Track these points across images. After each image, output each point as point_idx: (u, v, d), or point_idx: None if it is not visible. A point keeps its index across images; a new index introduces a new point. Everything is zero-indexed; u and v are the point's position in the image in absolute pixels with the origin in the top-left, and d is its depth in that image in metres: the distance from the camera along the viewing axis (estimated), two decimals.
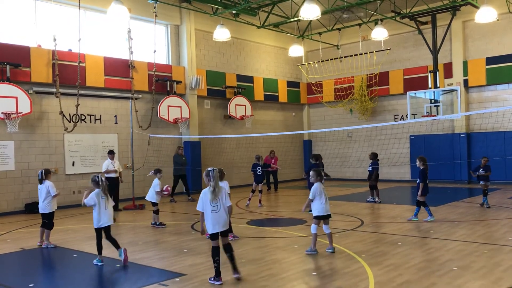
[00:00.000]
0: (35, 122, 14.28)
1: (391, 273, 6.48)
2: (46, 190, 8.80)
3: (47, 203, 8.84)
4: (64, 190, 14.73)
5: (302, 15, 15.21)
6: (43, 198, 8.82)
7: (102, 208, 7.55)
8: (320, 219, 7.79)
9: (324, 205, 7.75)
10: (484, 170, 12.11)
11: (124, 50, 16.39)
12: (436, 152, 18.78)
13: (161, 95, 17.27)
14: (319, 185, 7.83)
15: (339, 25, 20.38)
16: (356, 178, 21.28)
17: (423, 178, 10.56)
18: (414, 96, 17.75)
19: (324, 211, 7.75)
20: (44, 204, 8.84)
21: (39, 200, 8.92)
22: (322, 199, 7.75)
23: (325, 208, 7.75)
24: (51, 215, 8.92)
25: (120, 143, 16.17)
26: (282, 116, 22.79)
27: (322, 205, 7.73)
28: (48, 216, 8.89)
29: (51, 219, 8.93)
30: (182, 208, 14.45)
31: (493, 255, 7.30)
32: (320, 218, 7.78)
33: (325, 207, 7.76)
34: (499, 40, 18.31)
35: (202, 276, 6.60)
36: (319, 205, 7.74)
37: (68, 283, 6.67)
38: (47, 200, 8.82)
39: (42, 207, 8.88)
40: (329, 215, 7.86)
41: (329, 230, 7.84)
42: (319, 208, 7.74)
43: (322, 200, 7.74)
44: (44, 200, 8.82)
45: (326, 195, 7.86)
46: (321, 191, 7.79)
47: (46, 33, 14.65)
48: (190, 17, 18.27)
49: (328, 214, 7.82)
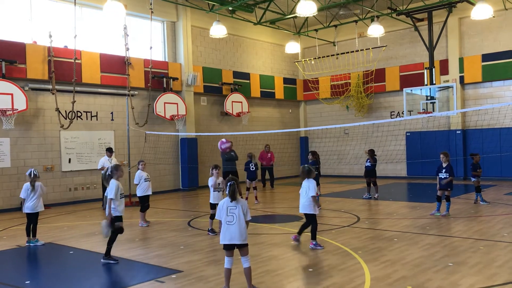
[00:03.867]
0: (31, 119, 14.23)
1: (387, 269, 6.51)
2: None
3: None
4: (60, 187, 14.72)
5: (299, 12, 15.19)
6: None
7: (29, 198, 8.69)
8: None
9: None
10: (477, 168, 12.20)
11: (120, 46, 16.33)
12: (432, 148, 18.82)
13: (157, 91, 17.23)
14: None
15: (336, 21, 20.37)
16: (353, 175, 21.31)
17: (452, 172, 10.68)
18: (410, 93, 17.78)
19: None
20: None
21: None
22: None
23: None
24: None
25: (116, 140, 16.14)
26: (278, 112, 22.79)
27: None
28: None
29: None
30: (179, 204, 14.45)
31: (489, 251, 7.34)
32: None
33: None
34: (495, 37, 18.35)
35: (199, 273, 6.60)
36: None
37: (64, 280, 6.66)
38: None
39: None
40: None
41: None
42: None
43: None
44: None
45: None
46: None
47: (42, 29, 14.59)
48: (187, 14, 18.22)
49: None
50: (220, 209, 5.79)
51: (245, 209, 5.75)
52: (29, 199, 8.79)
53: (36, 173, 8.85)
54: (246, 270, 5.73)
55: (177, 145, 18.18)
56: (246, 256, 5.72)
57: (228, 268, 5.75)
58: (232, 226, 5.66)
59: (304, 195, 7.97)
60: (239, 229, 5.66)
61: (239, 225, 5.67)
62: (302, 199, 8.03)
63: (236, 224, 5.66)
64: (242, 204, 5.75)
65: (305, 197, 7.94)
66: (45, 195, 9.11)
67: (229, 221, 5.69)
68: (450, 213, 10.71)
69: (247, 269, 5.73)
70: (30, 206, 8.81)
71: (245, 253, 5.73)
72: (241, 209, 5.70)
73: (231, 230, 5.66)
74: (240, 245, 5.69)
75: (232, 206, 5.72)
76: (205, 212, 12.46)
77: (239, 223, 5.66)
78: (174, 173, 18.10)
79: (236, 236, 5.65)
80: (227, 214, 5.71)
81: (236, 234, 5.64)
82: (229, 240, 5.67)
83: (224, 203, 5.80)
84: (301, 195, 8.04)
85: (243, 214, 5.70)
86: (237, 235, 5.64)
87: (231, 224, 5.67)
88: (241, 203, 5.76)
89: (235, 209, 5.70)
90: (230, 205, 5.74)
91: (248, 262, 5.73)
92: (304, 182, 8.04)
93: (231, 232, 5.65)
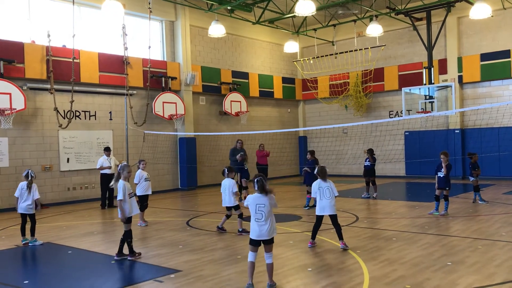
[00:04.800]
0: (29, 119, 14.20)
1: (386, 269, 6.51)
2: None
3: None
4: (59, 187, 14.71)
5: (297, 11, 15.18)
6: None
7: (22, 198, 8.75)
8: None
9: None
10: (476, 167, 12.20)
11: (118, 46, 16.31)
12: (431, 148, 18.82)
13: (156, 91, 17.21)
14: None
15: (334, 21, 20.36)
16: (351, 174, 21.31)
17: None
18: (409, 92, 17.78)
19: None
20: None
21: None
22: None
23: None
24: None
25: (115, 140, 16.13)
26: (277, 112, 22.79)
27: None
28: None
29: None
30: (178, 204, 14.44)
31: (487, 250, 7.35)
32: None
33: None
34: (493, 36, 18.36)
35: (198, 272, 6.60)
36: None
37: (62, 280, 6.65)
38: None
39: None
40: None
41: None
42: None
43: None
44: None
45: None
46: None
47: (40, 28, 14.57)
48: (185, 13, 18.21)
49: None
50: (250, 204, 5.87)
51: (273, 203, 5.84)
52: (22, 199, 8.80)
53: (33, 174, 8.85)
54: (270, 266, 5.83)
55: (175, 144, 18.17)
56: (270, 253, 5.82)
57: (252, 262, 5.83)
58: (260, 223, 5.77)
59: (328, 196, 7.73)
60: (267, 227, 5.76)
61: (267, 223, 5.77)
62: (326, 201, 7.74)
63: (264, 222, 5.77)
64: (270, 200, 5.82)
65: (330, 198, 7.73)
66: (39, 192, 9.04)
67: (258, 219, 5.79)
68: (449, 213, 10.72)
69: (270, 265, 5.83)
70: (24, 206, 8.82)
71: (269, 249, 5.83)
72: (269, 205, 5.80)
73: (260, 228, 5.77)
74: (266, 240, 5.80)
75: (261, 204, 5.80)
76: (204, 212, 12.46)
77: (268, 221, 5.78)
78: (173, 173, 18.09)
79: (264, 233, 5.76)
80: (256, 211, 5.80)
81: (264, 232, 5.76)
82: (257, 237, 5.80)
83: (253, 200, 5.86)
84: (324, 195, 7.76)
85: (270, 209, 5.80)
86: (265, 233, 5.76)
87: (259, 222, 5.78)
88: (269, 199, 5.83)
89: (264, 207, 5.78)
90: (259, 202, 5.81)
91: (271, 259, 5.82)
92: (322, 183, 7.80)
93: (260, 230, 5.77)
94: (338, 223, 7.81)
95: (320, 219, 7.90)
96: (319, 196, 7.81)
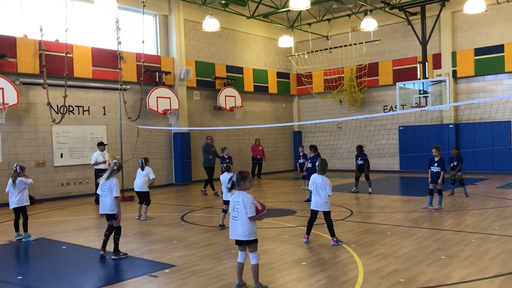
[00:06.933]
0: (22, 114, 14.11)
1: (380, 263, 6.53)
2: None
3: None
4: (53, 182, 14.64)
5: (292, 6, 15.14)
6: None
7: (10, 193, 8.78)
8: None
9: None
10: (457, 162, 12.31)
11: (112, 40, 16.19)
12: (425, 142, 18.88)
13: (150, 86, 17.14)
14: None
15: (329, 15, 20.33)
16: (346, 169, 21.36)
17: (444, 167, 10.72)
18: (403, 87, 17.81)
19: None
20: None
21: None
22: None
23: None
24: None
25: (108, 135, 16.05)
26: (272, 107, 22.76)
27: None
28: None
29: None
30: (172, 199, 14.42)
31: (481, 244, 7.39)
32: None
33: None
34: (487, 31, 18.40)
35: (192, 267, 6.59)
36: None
37: (56, 275, 6.62)
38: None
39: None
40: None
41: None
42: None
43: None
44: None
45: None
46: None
47: (33, 23, 14.43)
48: (179, 7, 18.10)
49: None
50: (230, 200, 5.72)
51: (247, 205, 5.46)
52: (11, 194, 8.80)
53: (16, 168, 8.80)
54: (252, 267, 5.58)
55: (170, 139, 18.12)
56: (254, 253, 5.53)
57: (239, 263, 5.64)
58: (236, 222, 5.55)
59: (321, 192, 7.71)
60: (241, 225, 5.50)
61: (241, 221, 5.50)
62: (318, 197, 7.73)
63: (239, 220, 5.52)
64: (244, 200, 5.50)
65: (322, 195, 7.71)
66: (32, 187, 9.06)
67: (234, 217, 5.57)
68: (443, 207, 10.77)
69: (253, 266, 5.57)
70: (15, 201, 8.80)
71: (252, 249, 5.55)
72: (243, 205, 5.50)
73: (235, 226, 5.55)
74: (246, 241, 5.53)
75: (237, 202, 5.55)
76: (198, 207, 12.45)
77: (241, 219, 5.50)
78: (167, 168, 18.05)
79: (239, 232, 5.51)
80: (233, 209, 5.58)
81: (239, 230, 5.51)
82: (233, 235, 5.59)
83: (232, 197, 5.68)
84: (317, 192, 7.75)
85: (244, 210, 5.49)
86: (240, 232, 5.50)
87: (235, 220, 5.56)
88: (243, 198, 5.51)
89: (239, 205, 5.53)
90: (235, 200, 5.58)
91: (255, 259, 5.54)
92: (317, 178, 7.78)
93: (235, 228, 5.55)
94: (330, 220, 7.78)
95: (314, 213, 7.92)
96: (314, 191, 7.83)
